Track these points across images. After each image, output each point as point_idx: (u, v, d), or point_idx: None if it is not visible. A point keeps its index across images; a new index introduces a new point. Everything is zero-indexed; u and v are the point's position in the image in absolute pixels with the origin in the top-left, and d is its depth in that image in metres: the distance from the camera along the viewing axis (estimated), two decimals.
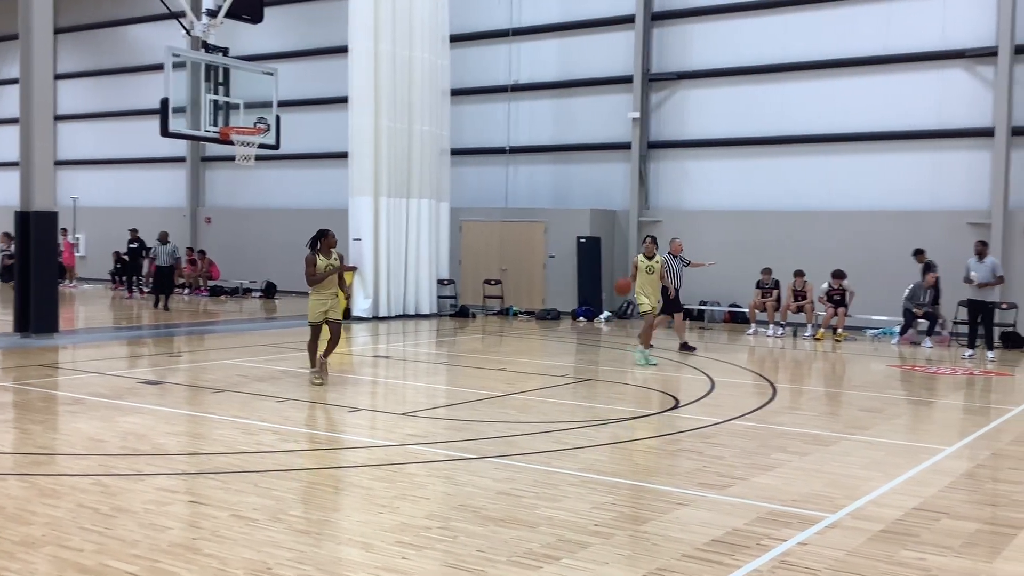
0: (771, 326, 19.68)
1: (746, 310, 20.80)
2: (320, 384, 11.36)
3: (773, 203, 21.74)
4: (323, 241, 11.47)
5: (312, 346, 11.74)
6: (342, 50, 22.54)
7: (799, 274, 19.60)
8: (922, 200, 20.09)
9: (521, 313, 23.29)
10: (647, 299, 14.55)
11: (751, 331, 19.89)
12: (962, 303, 17.29)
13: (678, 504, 6.55)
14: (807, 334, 19.22)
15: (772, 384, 12.65)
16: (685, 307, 17.59)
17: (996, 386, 13.27)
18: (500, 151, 25.38)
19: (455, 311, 23.12)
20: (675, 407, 10.62)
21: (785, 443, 8.68)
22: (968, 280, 15.97)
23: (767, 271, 20.18)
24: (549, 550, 5.47)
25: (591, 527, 5.94)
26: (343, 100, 22.48)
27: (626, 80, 23.40)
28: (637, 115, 23.16)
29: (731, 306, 21.91)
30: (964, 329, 17.16)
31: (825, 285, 19.14)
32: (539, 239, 23.70)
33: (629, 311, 23.05)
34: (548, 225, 23.60)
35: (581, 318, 22.40)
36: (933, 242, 19.23)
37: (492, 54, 25.45)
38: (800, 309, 19.60)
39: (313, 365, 11.66)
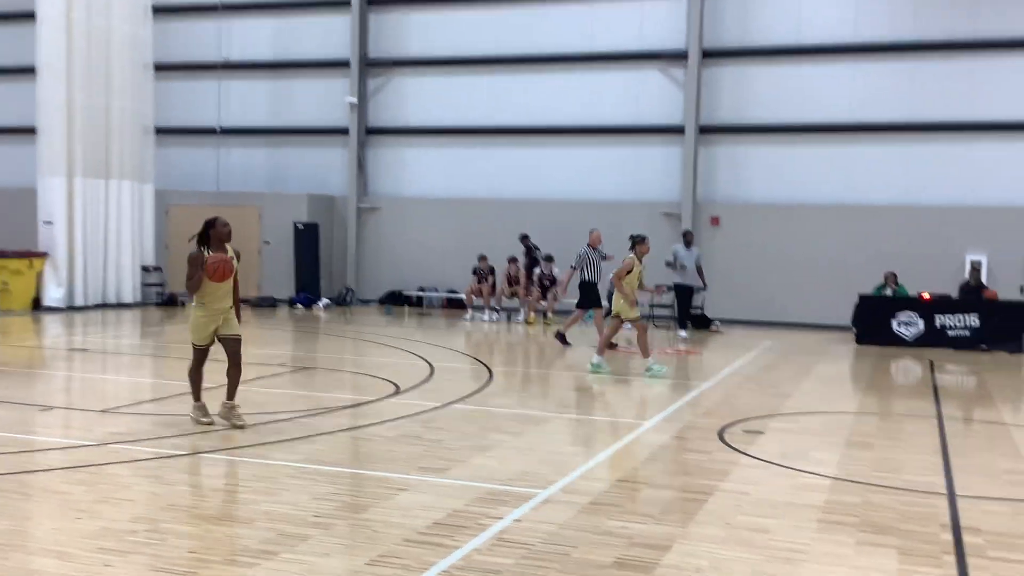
0: (487, 311, 20.26)
1: (463, 296, 21.27)
2: (210, 423, 8.50)
3: (488, 191, 22.35)
4: (212, 233, 8.55)
5: (195, 375, 8.61)
6: (28, 15, 20.58)
7: (513, 260, 20.31)
8: (623, 192, 21.47)
9: None
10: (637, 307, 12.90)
11: (468, 317, 20.37)
12: (669, 288, 18.69)
13: (399, 489, 6.56)
14: (520, 318, 19.97)
15: (488, 368, 13.01)
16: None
17: (689, 364, 14.44)
18: (211, 132, 24.26)
19: (162, 300, 21.84)
20: (395, 393, 10.64)
21: (501, 424, 8.95)
22: (672, 265, 17.49)
23: (483, 258, 20.74)
24: (267, 545, 5.29)
25: (311, 519, 5.81)
26: (30, 70, 20.53)
27: (343, 64, 23.14)
28: (355, 100, 22.98)
29: (448, 292, 22.32)
30: (662, 312, 18.57)
31: (538, 270, 19.96)
32: (253, 224, 22.89)
33: (349, 298, 22.87)
34: (263, 210, 22.87)
35: (299, 305, 21.93)
36: (633, 231, 20.60)
37: (201, 29, 24.25)
38: (514, 295, 20.32)
39: (197, 398, 8.64)
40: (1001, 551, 5.55)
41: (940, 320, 16.97)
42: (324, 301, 22.13)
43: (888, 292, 18.03)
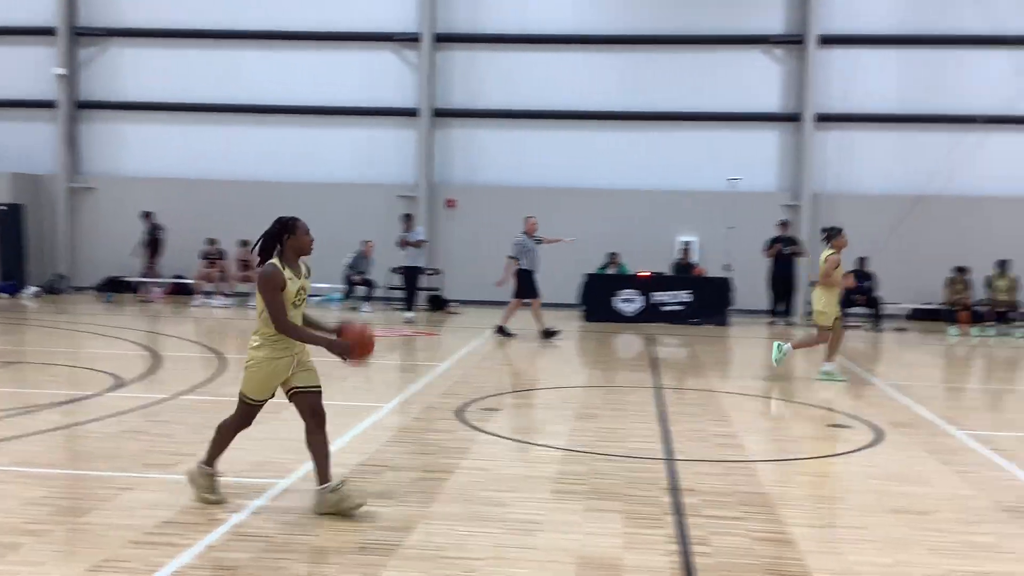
0: (217, 296, 19.44)
1: (191, 281, 20.28)
2: (219, 502, 5.83)
3: (218, 171, 21.41)
4: (290, 242, 5.76)
5: (231, 434, 6.01)
6: None
7: (245, 244, 19.61)
8: (359, 173, 21.29)
9: None
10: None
11: (197, 302, 19.45)
12: (396, 270, 18.74)
13: (123, 489, 6.15)
14: (252, 303, 19.31)
15: (220, 355, 12.49)
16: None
17: (426, 345, 14.58)
18: None
19: None
20: (117, 386, 9.97)
21: None
22: (406, 244, 17.54)
23: (213, 241, 19.86)
24: None
25: (23, 526, 5.32)
26: None
27: (48, 32, 21.27)
28: (63, 71, 21.21)
29: (176, 277, 21.19)
30: (399, 294, 18.63)
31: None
32: None
33: (61, 286, 21.14)
34: None
35: (4, 294, 20.02)
36: (370, 213, 20.56)
37: None
38: (247, 279, 19.63)
39: (211, 461, 5.96)
40: (714, 509, 6.03)
41: (656, 297, 18.20)
42: (32, 289, 20.34)
43: (611, 271, 19.10)
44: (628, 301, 18.24)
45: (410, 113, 21.13)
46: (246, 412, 5.97)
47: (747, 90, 20.62)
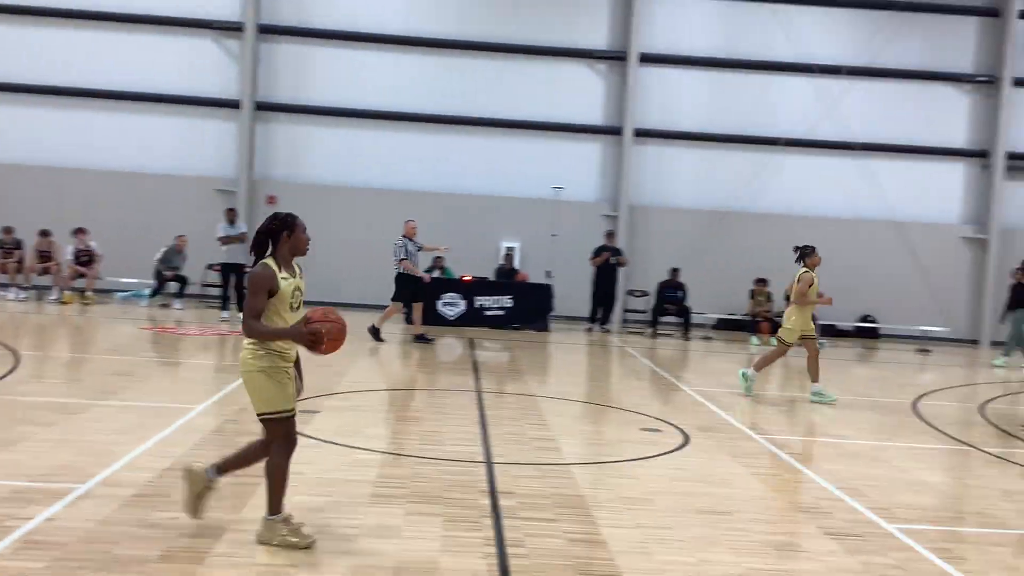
0: (13, 289, 18.15)
1: None
2: (309, 545, 5.19)
3: (20, 157, 20.00)
4: (290, 240, 5.31)
5: (284, 469, 5.28)
6: None
7: (45, 234, 18.40)
8: (177, 165, 20.41)
9: None
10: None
11: None
12: (213, 266, 18.06)
13: None
14: (53, 297, 18.18)
15: (15, 352, 11.65)
16: None
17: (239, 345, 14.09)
18: None
19: None
20: None
21: (31, 415, 8.05)
22: (227, 240, 16.92)
23: (8, 230, 18.54)
24: None
25: None
26: None
27: None
28: None
29: None
30: (216, 292, 17.95)
31: (71, 247, 18.27)
32: None
33: None
34: None
35: None
36: (186, 207, 19.76)
37: None
38: (46, 271, 18.42)
39: (279, 508, 5.26)
40: (531, 511, 6.12)
41: (479, 301, 18.35)
42: None
43: (436, 274, 19.09)
44: (451, 305, 18.29)
45: (232, 105, 20.44)
46: (284, 429, 5.22)
47: (572, 102, 21.13)
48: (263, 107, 20.62)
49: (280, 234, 5.25)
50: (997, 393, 13.39)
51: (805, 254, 11.63)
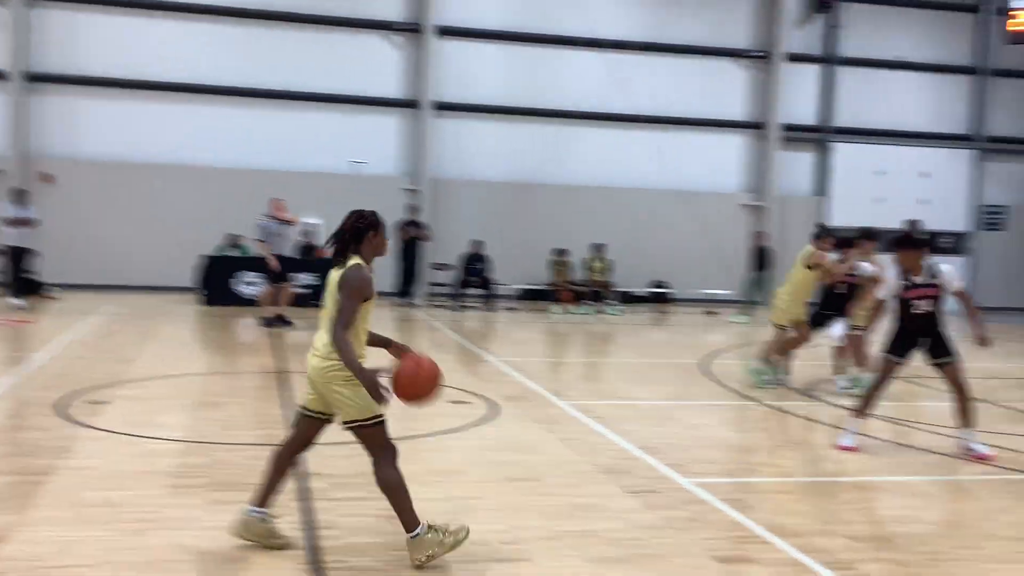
0: None
1: None
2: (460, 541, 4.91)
3: None
4: (374, 241, 4.95)
5: (398, 478, 4.90)
6: None
7: None
8: None
9: None
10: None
11: None
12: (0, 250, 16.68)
13: None
14: None
15: None
16: None
17: (19, 335, 13.13)
18: None
19: None
20: None
21: None
22: (16, 222, 15.56)
23: None
24: None
25: None
26: None
27: None
28: None
29: None
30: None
31: None
32: None
33: None
34: None
35: None
36: None
37: None
38: None
39: (414, 526, 4.84)
40: (342, 491, 6.04)
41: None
42: None
43: (234, 253, 18.43)
44: (250, 284, 17.72)
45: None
46: (383, 434, 4.85)
47: (369, 75, 20.84)
48: (35, 78, 19.15)
49: (366, 233, 4.88)
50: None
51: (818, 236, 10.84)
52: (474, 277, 19.41)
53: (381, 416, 4.80)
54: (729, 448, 8.12)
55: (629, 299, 21.08)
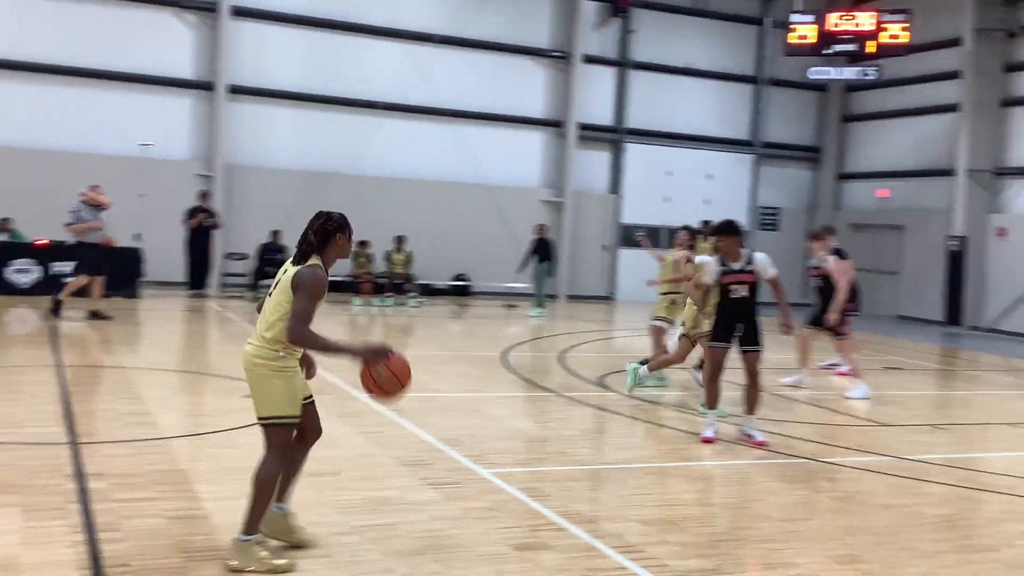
0: None
1: None
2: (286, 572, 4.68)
3: None
4: (340, 242, 4.92)
5: (274, 483, 4.87)
6: None
7: None
8: None
9: None
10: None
11: None
12: None
13: None
14: None
15: None
16: None
17: None
18: None
19: None
20: None
21: None
22: None
23: None
24: None
25: None
26: None
27: None
28: None
29: None
30: None
31: None
32: None
33: None
34: None
35: None
36: None
37: None
38: None
39: (257, 528, 4.76)
40: (124, 491, 5.71)
41: (57, 267, 16.72)
42: None
43: (4, 238, 17.10)
44: (23, 271, 16.49)
45: None
46: (288, 437, 4.86)
47: (161, 53, 19.79)
48: None
49: (334, 236, 4.86)
50: (573, 343, 14.80)
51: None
52: (271, 268, 18.84)
53: (296, 418, 4.80)
54: (528, 439, 8.28)
55: (430, 291, 21.12)
